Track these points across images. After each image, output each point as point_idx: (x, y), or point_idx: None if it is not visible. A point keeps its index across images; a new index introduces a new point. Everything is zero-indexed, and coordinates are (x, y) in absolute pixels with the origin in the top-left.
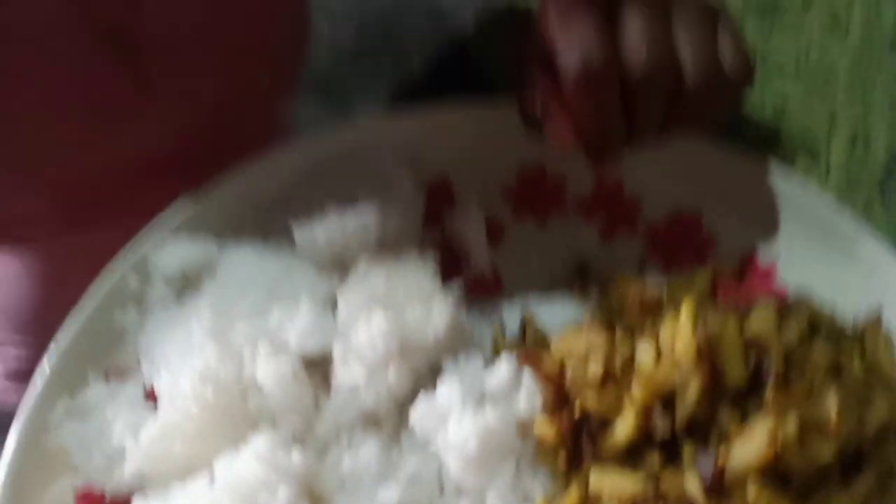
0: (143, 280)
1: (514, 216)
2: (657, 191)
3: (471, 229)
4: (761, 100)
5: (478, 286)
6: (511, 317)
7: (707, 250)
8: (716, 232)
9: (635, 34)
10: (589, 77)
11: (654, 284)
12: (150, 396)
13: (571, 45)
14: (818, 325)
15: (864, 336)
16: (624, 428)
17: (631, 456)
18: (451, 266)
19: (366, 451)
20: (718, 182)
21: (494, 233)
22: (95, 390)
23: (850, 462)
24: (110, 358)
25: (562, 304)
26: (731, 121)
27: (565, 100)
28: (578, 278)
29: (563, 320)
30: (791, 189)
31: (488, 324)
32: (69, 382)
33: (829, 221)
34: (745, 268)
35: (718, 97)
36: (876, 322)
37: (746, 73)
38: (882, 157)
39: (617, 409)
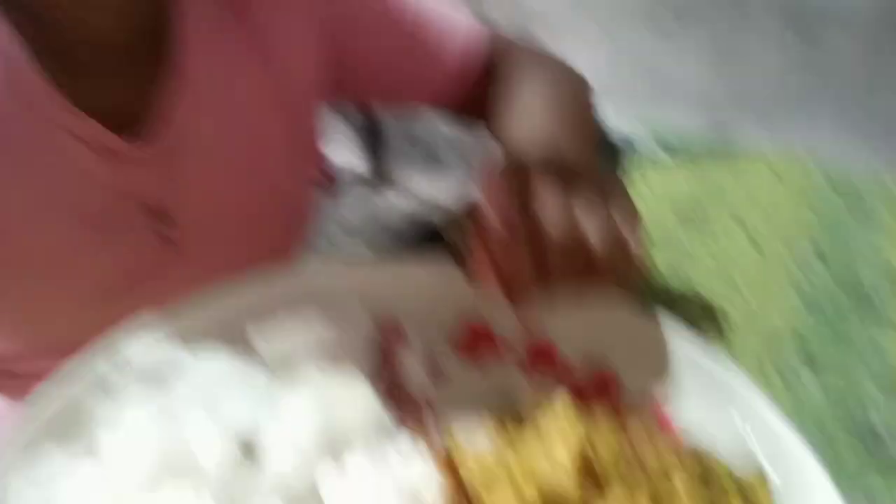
0: (112, 368)
1: (456, 358)
2: (578, 345)
3: (413, 364)
4: (674, 278)
5: (415, 413)
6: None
7: (617, 393)
8: (625, 378)
9: (545, 205)
10: (511, 243)
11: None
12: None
13: (500, 217)
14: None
15: (748, 483)
16: None
17: None
18: (393, 395)
19: None
20: (630, 337)
21: (437, 374)
22: (53, 461)
23: None
24: (71, 433)
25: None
26: (641, 288)
27: (493, 259)
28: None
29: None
30: (688, 344)
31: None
32: (30, 453)
33: (713, 371)
34: (647, 405)
35: (618, 258)
36: (760, 474)
37: (641, 253)
38: (787, 350)
39: (504, 498)
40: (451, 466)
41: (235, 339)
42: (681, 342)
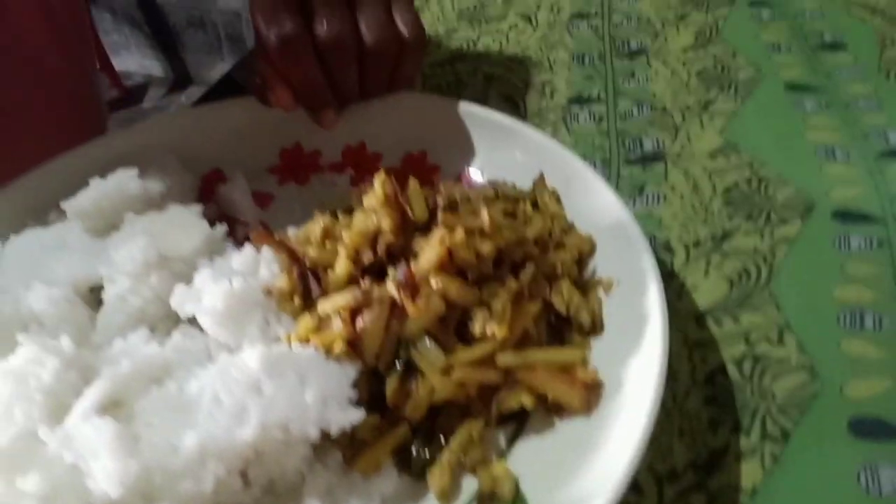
0: None
1: (279, 185)
2: (390, 141)
3: (238, 195)
4: (473, 73)
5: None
6: None
7: (433, 177)
8: (438, 161)
9: (323, 17)
10: (285, 45)
11: None
12: None
13: (270, 26)
14: (501, 192)
15: (535, 190)
16: (340, 266)
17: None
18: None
19: (136, 337)
20: (434, 124)
21: (263, 201)
22: None
23: (517, 264)
24: None
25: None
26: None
27: (278, 70)
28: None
29: None
30: (484, 116)
31: None
32: None
33: (511, 129)
34: (460, 179)
35: (398, 59)
36: (541, 180)
37: (419, 38)
38: (563, 100)
39: (334, 256)
40: (285, 247)
41: (54, 220)
42: (478, 115)
